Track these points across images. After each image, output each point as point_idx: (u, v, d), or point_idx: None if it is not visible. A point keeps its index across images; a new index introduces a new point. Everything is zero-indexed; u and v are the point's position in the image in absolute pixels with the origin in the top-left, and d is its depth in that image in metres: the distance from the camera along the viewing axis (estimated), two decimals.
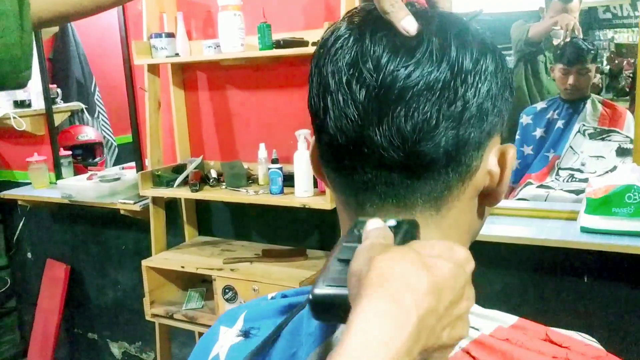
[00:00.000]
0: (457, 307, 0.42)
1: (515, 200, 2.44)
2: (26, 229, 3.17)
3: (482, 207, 0.59)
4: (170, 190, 2.31)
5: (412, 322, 0.38)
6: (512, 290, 2.05)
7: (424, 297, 0.39)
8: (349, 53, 0.52)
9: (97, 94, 3.37)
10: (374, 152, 0.51)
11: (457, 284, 0.42)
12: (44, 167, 2.92)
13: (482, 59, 0.52)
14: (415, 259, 0.41)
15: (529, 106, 2.90)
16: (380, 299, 0.38)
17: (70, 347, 3.21)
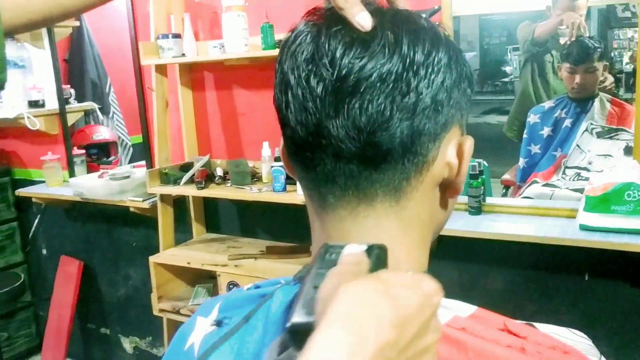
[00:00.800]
0: (422, 339, 0.43)
1: (521, 199, 2.44)
2: (41, 226, 3.24)
3: (444, 198, 0.60)
4: (177, 188, 2.36)
5: (369, 353, 0.38)
6: (513, 288, 2.06)
7: (387, 329, 0.39)
8: (307, 49, 0.54)
9: (112, 94, 3.43)
10: (332, 143, 0.53)
11: (423, 317, 0.42)
12: (58, 166, 2.98)
13: (434, 52, 0.53)
14: (382, 290, 0.41)
15: (536, 106, 2.90)
16: (339, 328, 0.39)
17: (84, 341, 3.28)
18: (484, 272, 2.09)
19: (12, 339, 3.28)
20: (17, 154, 3.27)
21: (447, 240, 2.06)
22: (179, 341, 0.72)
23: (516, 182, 2.83)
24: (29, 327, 3.37)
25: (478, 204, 2.02)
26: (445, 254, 2.12)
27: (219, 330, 0.67)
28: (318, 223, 0.63)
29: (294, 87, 0.54)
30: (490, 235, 1.88)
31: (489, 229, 1.90)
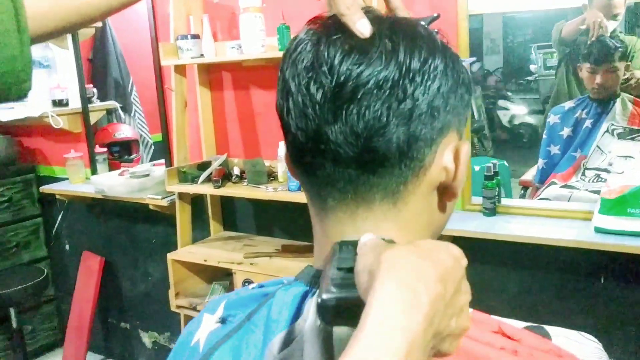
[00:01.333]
0: (460, 297, 0.45)
1: (536, 200, 2.43)
2: (64, 222, 3.32)
3: (442, 202, 0.61)
4: (195, 187, 2.39)
5: (425, 307, 0.41)
6: (528, 290, 2.05)
7: (434, 283, 0.42)
8: (307, 57, 0.56)
9: (134, 93, 3.48)
10: (331, 149, 0.55)
11: (457, 276, 0.45)
12: (80, 163, 3.05)
13: (430, 59, 0.55)
14: (421, 253, 0.44)
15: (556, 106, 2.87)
16: (394, 287, 0.41)
17: (104, 336, 3.35)
18: (498, 274, 2.08)
19: (36, 332, 3.37)
20: (42, 152, 3.35)
21: (461, 241, 2.06)
22: (186, 337, 0.74)
23: (534, 183, 2.80)
24: (52, 321, 3.46)
25: (493, 205, 2.02)
26: None
27: (223, 327, 0.69)
28: (319, 225, 0.65)
29: (295, 94, 0.56)
30: (504, 236, 1.88)
31: (502, 231, 1.89)
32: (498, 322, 0.67)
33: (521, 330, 0.67)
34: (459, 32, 1.97)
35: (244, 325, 0.66)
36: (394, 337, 0.39)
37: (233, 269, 2.23)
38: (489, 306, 2.06)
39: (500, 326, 0.67)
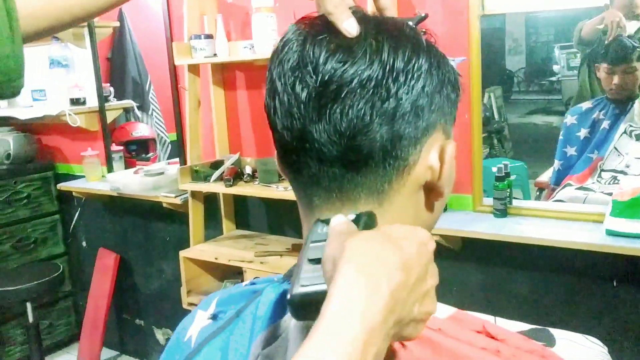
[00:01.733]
0: (423, 283, 0.46)
1: (548, 202, 2.40)
2: (81, 219, 3.37)
3: (429, 201, 0.62)
4: (207, 185, 2.42)
5: (386, 294, 0.41)
6: (538, 292, 2.02)
7: (395, 271, 0.43)
8: (293, 57, 0.56)
9: (152, 92, 3.52)
10: (315, 147, 0.56)
11: (422, 261, 0.46)
12: (97, 161, 3.09)
13: (414, 58, 0.55)
14: (385, 239, 0.45)
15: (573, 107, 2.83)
16: (354, 275, 0.42)
17: (119, 332, 3.39)
18: (508, 275, 2.06)
19: (53, 327, 3.42)
20: (60, 150, 3.41)
21: (471, 242, 2.04)
22: (181, 332, 0.75)
23: (550, 185, 2.77)
24: (69, 316, 3.51)
25: (503, 207, 2.00)
26: (470, 256, 2.11)
27: (213, 323, 0.70)
28: (306, 224, 0.65)
29: (281, 94, 0.57)
30: (513, 238, 1.86)
31: (512, 232, 1.87)
32: (482, 322, 0.67)
33: (506, 331, 0.67)
34: (470, 31, 1.95)
35: (233, 321, 0.67)
36: (352, 324, 0.40)
37: (243, 267, 2.24)
38: (498, 308, 2.05)
39: (485, 326, 0.67)
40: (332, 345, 0.39)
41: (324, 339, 0.40)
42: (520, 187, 2.99)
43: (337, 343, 0.39)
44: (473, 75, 1.99)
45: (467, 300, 2.12)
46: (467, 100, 2.02)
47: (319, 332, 0.40)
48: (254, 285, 0.75)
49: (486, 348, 0.63)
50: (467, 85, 2.00)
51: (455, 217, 2.06)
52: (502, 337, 0.65)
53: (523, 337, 0.67)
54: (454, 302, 2.10)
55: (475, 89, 2.01)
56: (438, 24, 2.03)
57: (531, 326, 1.40)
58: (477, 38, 1.95)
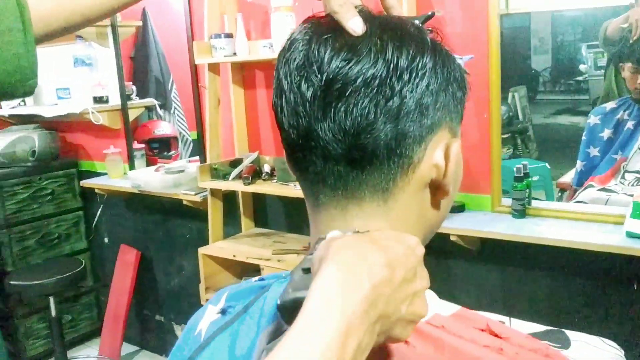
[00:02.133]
0: (412, 284, 0.47)
1: (567, 203, 2.37)
2: (104, 216, 3.42)
3: (435, 199, 0.62)
4: (226, 183, 2.44)
5: (366, 287, 0.42)
6: (556, 294, 2.00)
7: (378, 267, 0.44)
8: (299, 56, 0.57)
9: (174, 91, 3.56)
10: (321, 145, 0.56)
11: (409, 263, 0.47)
12: (119, 159, 3.14)
13: (418, 57, 0.55)
14: (370, 241, 0.46)
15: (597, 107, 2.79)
16: (334, 270, 0.43)
17: (140, 327, 3.44)
18: (527, 277, 2.04)
19: (76, 322, 3.49)
20: (83, 147, 3.47)
21: (489, 243, 2.03)
22: (191, 326, 0.76)
23: (572, 186, 2.73)
24: (91, 311, 3.57)
25: (522, 207, 1.98)
26: (488, 257, 2.09)
27: (222, 318, 0.72)
28: (313, 221, 0.66)
29: (287, 92, 0.57)
30: (531, 239, 1.84)
31: (530, 233, 1.85)
32: (486, 320, 0.67)
33: (511, 329, 0.67)
34: (489, 30, 1.93)
35: (241, 316, 0.68)
36: (332, 316, 0.41)
37: (261, 264, 2.26)
38: (515, 309, 2.03)
39: (489, 324, 0.66)
40: (311, 336, 0.40)
41: (303, 331, 0.41)
42: (544, 188, 2.96)
43: (316, 334, 0.40)
44: (492, 74, 1.97)
45: (484, 301, 2.10)
46: (486, 100, 2.01)
47: (299, 324, 0.41)
48: (262, 281, 0.76)
49: (489, 346, 0.63)
50: (486, 85, 1.99)
51: (473, 217, 2.05)
52: (505, 335, 0.65)
53: (527, 336, 0.66)
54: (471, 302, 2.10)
55: (495, 89, 1.99)
56: (457, 23, 2.01)
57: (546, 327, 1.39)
58: (496, 37, 1.93)
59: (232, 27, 2.48)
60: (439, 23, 2.02)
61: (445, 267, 2.18)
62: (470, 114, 2.06)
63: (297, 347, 0.40)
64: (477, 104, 2.04)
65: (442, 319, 0.64)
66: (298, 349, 0.40)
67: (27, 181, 3.21)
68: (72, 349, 3.40)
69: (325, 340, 0.40)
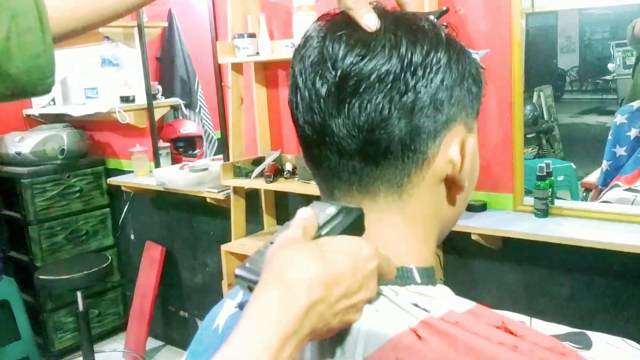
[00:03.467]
0: (351, 298, 0.48)
1: (591, 202, 2.34)
2: (130, 213, 3.49)
3: (451, 195, 0.62)
4: (248, 181, 2.46)
5: (302, 306, 0.44)
6: (579, 295, 1.98)
7: (317, 286, 0.45)
8: (313, 53, 0.58)
9: (200, 91, 3.60)
10: (335, 141, 0.57)
11: (354, 278, 0.48)
12: (145, 157, 3.19)
13: (432, 52, 0.56)
14: (315, 254, 0.47)
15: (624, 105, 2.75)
16: (275, 286, 0.45)
17: (164, 323, 3.49)
18: (549, 277, 2.03)
19: (103, 316, 3.56)
20: (111, 146, 3.54)
21: (511, 242, 2.02)
22: (209, 321, 0.78)
23: (597, 185, 2.70)
24: (117, 306, 3.64)
25: (545, 206, 1.97)
26: (510, 256, 2.08)
27: (239, 312, 0.73)
28: None
29: (302, 89, 0.58)
30: (554, 238, 1.82)
31: (552, 233, 1.84)
32: (502, 317, 0.67)
33: (526, 327, 0.67)
34: (512, 28, 1.92)
35: None
36: (266, 330, 0.43)
37: None
38: (537, 309, 2.01)
39: (504, 321, 0.66)
40: (245, 348, 0.42)
41: (238, 342, 0.43)
42: (569, 188, 2.92)
43: (249, 347, 0.42)
44: (515, 73, 1.96)
45: (506, 301, 2.09)
46: (509, 99, 2.00)
47: (236, 336, 0.43)
48: None
49: (503, 343, 0.63)
50: (509, 84, 1.98)
51: (495, 216, 2.04)
52: (521, 333, 0.65)
53: (542, 334, 0.67)
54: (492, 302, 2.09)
55: (517, 87, 1.98)
56: (479, 21, 2.01)
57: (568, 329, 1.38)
58: (518, 35, 1.92)
59: (255, 27, 2.51)
60: (461, 21, 2.02)
61: (466, 266, 2.18)
62: (493, 112, 2.05)
63: (233, 355, 0.42)
64: (499, 102, 2.03)
65: (457, 315, 0.64)
66: (234, 357, 0.42)
67: (56, 179, 3.29)
68: (99, 343, 3.47)
69: (257, 354, 0.42)
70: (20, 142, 3.25)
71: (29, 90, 0.56)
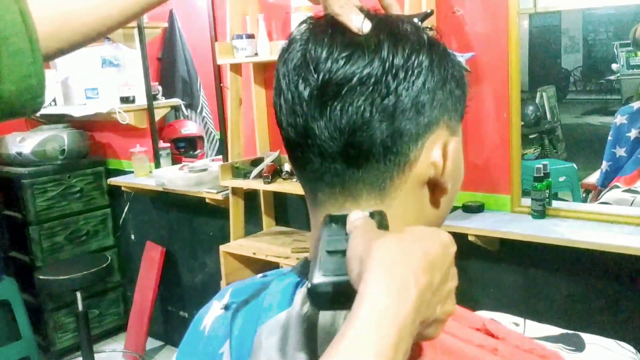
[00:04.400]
0: (446, 285, 0.47)
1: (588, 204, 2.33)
2: (130, 213, 3.49)
3: (435, 198, 0.62)
4: (246, 182, 2.47)
5: (414, 296, 0.42)
6: (578, 297, 1.97)
7: (422, 274, 0.44)
8: (296, 56, 0.58)
9: (202, 91, 3.60)
10: (317, 144, 0.57)
11: (445, 264, 0.47)
12: (145, 158, 3.20)
13: (414, 55, 0.56)
14: (411, 242, 0.46)
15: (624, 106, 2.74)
16: (385, 277, 0.43)
17: (164, 322, 3.50)
18: (546, 278, 2.02)
19: (103, 316, 3.57)
20: (111, 146, 3.55)
21: (508, 243, 2.01)
22: (197, 322, 0.78)
23: (597, 186, 2.69)
24: (117, 306, 3.65)
25: (542, 208, 1.96)
26: (507, 257, 2.08)
27: (225, 314, 0.73)
28: (313, 219, 0.67)
29: (285, 92, 0.59)
30: (551, 240, 1.82)
31: (550, 234, 1.84)
32: (482, 320, 0.67)
33: (508, 330, 0.67)
34: (509, 29, 1.92)
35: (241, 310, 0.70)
36: (383, 325, 0.41)
37: (280, 262, 2.28)
38: (534, 311, 2.01)
39: (485, 323, 0.67)
40: (366, 344, 0.40)
41: (357, 338, 0.41)
42: (570, 189, 2.92)
43: (370, 341, 0.40)
44: (512, 73, 1.96)
45: (503, 302, 2.09)
46: (506, 99, 1.99)
47: (352, 331, 0.41)
48: (265, 278, 0.77)
49: (483, 345, 0.63)
50: (506, 84, 1.97)
51: (492, 217, 2.03)
52: (502, 335, 0.65)
53: (523, 336, 0.67)
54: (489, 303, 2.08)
55: (514, 88, 1.97)
56: (477, 22, 2.00)
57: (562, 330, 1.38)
58: (516, 36, 1.92)
59: (254, 27, 2.51)
60: (459, 22, 2.02)
61: (463, 267, 2.17)
62: (490, 113, 2.05)
63: (352, 355, 0.40)
64: (497, 103, 2.02)
65: None
66: (353, 356, 0.40)
67: (57, 179, 3.30)
68: (99, 343, 3.48)
69: (381, 350, 0.40)
70: (21, 142, 3.26)
71: (19, 111, 0.56)
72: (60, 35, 0.60)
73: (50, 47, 0.59)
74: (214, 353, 0.68)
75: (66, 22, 0.61)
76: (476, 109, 2.05)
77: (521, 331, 0.75)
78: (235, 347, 0.66)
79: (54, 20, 0.60)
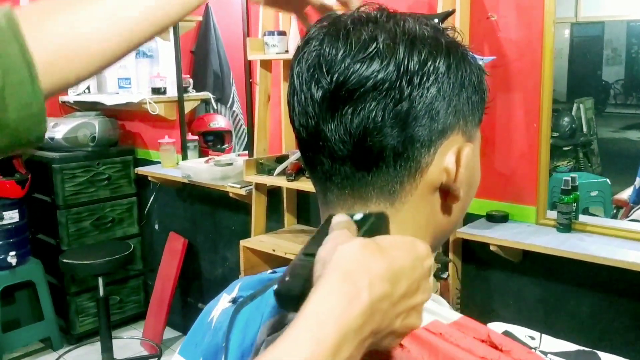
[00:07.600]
0: (412, 297, 0.47)
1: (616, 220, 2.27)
2: (155, 203, 3.54)
3: (446, 204, 0.61)
4: (270, 178, 2.47)
5: (364, 302, 0.42)
6: (601, 314, 1.92)
7: (380, 282, 0.43)
8: (311, 56, 0.57)
9: (234, 85, 3.62)
10: (328, 145, 0.57)
11: (414, 276, 0.46)
12: (173, 149, 3.23)
13: (430, 60, 0.55)
14: (375, 249, 0.46)
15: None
16: (336, 279, 0.43)
17: (182, 313, 3.53)
18: (568, 293, 1.98)
19: (124, 303, 3.62)
20: (140, 136, 3.59)
21: (531, 255, 1.98)
22: (206, 313, 0.79)
23: (629, 203, 2.62)
24: (138, 294, 3.70)
25: (568, 221, 1.92)
26: (529, 270, 2.04)
27: (233, 306, 0.73)
28: (323, 218, 0.67)
29: (298, 92, 0.58)
30: (575, 254, 1.78)
31: (574, 248, 1.79)
32: (487, 331, 0.66)
33: (513, 343, 0.65)
34: (544, 38, 1.88)
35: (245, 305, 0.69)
36: (325, 326, 0.41)
37: None
38: (554, 325, 1.97)
39: (490, 335, 0.65)
40: (303, 343, 0.40)
41: (296, 337, 0.41)
42: (602, 204, 2.85)
43: (308, 342, 0.40)
44: (544, 83, 1.91)
45: (522, 314, 2.05)
46: (537, 109, 1.95)
47: (293, 330, 0.41)
48: (275, 273, 0.77)
49: (486, 357, 0.61)
50: (538, 94, 1.93)
51: (516, 228, 2.00)
52: (506, 348, 0.63)
53: (530, 350, 0.65)
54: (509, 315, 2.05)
55: (546, 98, 1.93)
56: (511, 29, 1.97)
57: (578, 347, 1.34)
58: (550, 45, 1.88)
59: (286, 24, 2.51)
60: (492, 27, 1.99)
61: (484, 277, 2.14)
62: (520, 122, 2.01)
63: (287, 352, 0.40)
64: (527, 113, 1.99)
65: (441, 326, 0.63)
66: (288, 354, 0.40)
67: (86, 165, 3.36)
68: (118, 329, 3.53)
69: (316, 350, 0.40)
70: (54, 127, 3.33)
71: (25, 137, 0.57)
72: (61, 74, 0.60)
73: (52, 84, 0.58)
74: (219, 345, 0.68)
75: (69, 60, 0.59)
76: (506, 118, 2.02)
77: (536, 345, 0.73)
78: (237, 342, 0.66)
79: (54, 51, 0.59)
